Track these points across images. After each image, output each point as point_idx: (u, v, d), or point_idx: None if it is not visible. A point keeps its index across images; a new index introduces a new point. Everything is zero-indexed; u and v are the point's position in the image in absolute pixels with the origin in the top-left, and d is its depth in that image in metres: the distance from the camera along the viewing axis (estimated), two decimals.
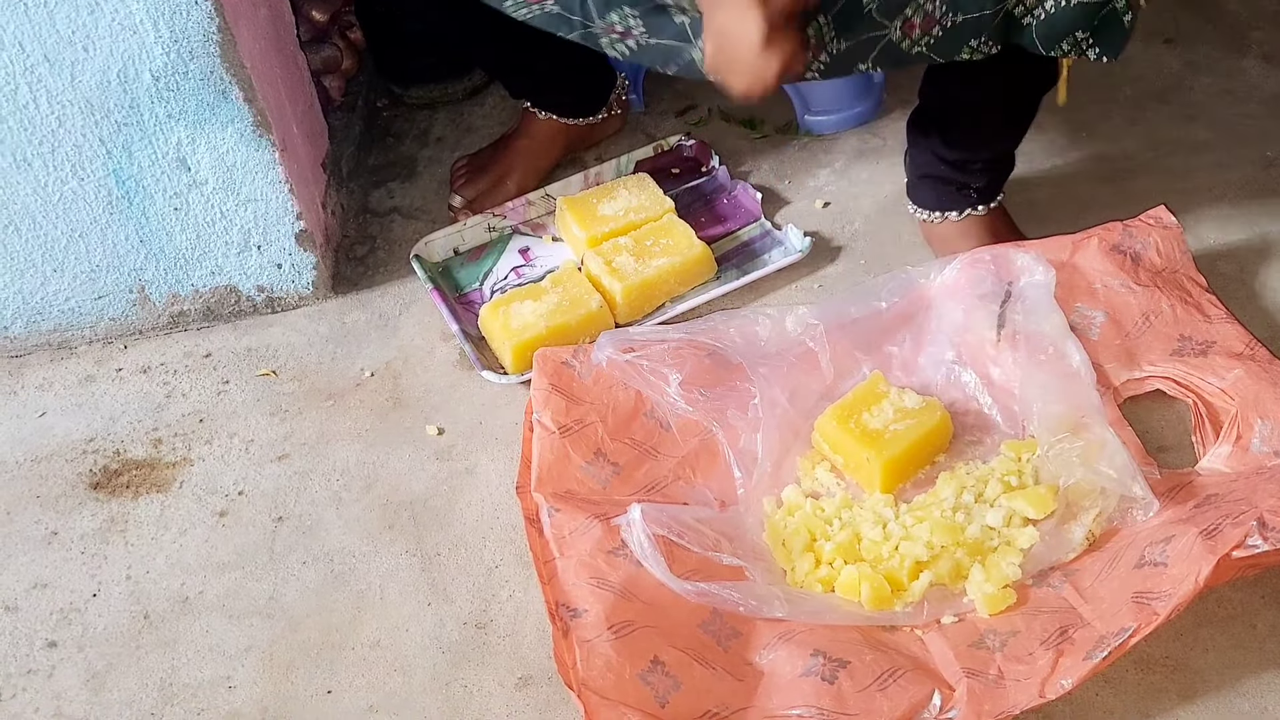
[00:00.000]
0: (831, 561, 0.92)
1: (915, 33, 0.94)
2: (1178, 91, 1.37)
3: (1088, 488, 0.91)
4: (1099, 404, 0.95)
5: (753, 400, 1.01)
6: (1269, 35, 1.43)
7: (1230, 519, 0.83)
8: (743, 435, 1.00)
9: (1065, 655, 0.82)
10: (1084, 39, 0.94)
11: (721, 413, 1.02)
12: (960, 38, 0.94)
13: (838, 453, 1.00)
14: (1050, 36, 0.93)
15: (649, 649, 0.84)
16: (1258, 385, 0.96)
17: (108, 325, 1.24)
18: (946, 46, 0.94)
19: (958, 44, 0.94)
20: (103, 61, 1.05)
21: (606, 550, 0.90)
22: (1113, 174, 1.28)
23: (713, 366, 1.03)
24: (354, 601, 0.98)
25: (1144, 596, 0.82)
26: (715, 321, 1.06)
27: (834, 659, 0.83)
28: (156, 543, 1.05)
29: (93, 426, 1.16)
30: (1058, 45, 0.94)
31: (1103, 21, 0.93)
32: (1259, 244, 1.18)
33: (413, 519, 1.04)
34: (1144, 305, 1.05)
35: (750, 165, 1.36)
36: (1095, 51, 0.95)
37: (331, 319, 1.24)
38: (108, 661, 0.96)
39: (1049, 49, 0.94)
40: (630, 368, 1.03)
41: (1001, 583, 0.88)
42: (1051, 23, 0.92)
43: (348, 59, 1.40)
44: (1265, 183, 1.25)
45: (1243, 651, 0.87)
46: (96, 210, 1.15)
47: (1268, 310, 1.11)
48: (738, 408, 1.01)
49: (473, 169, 1.33)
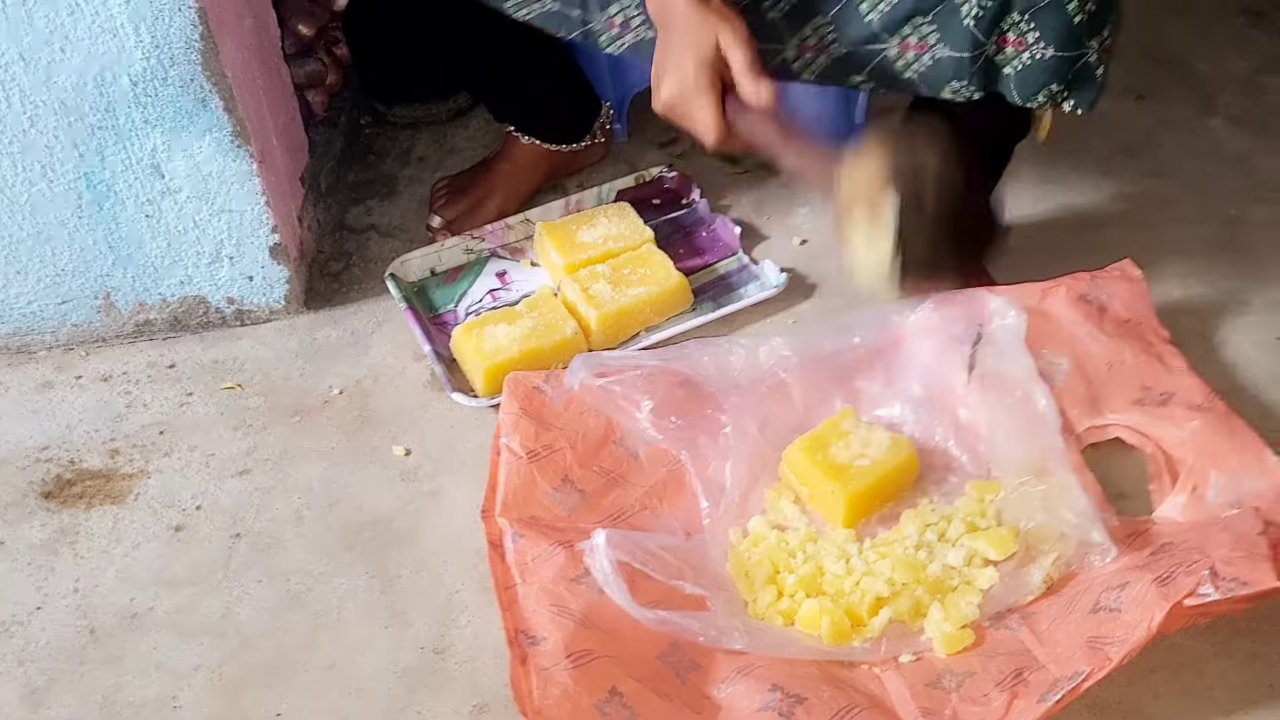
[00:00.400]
0: (793, 594, 0.92)
1: (909, 54, 0.95)
2: (1147, 147, 1.41)
3: (1048, 531, 0.92)
4: (1062, 449, 0.96)
5: (723, 429, 1.01)
6: (1236, 99, 1.47)
7: (1184, 567, 0.84)
8: (712, 464, 1.00)
9: (1019, 698, 0.82)
10: (1059, 91, 0.96)
11: (692, 441, 1.02)
12: (945, 73, 0.96)
13: (804, 484, 1.00)
14: (1026, 87, 0.96)
15: (607, 679, 0.83)
16: (1214, 438, 0.98)
17: (70, 331, 1.22)
18: (934, 78, 0.96)
19: (943, 79, 0.96)
20: (80, 63, 1.04)
21: (569, 578, 0.90)
22: (1081, 224, 1.31)
23: (685, 394, 1.04)
24: (310, 622, 0.96)
25: (1098, 641, 0.83)
26: (690, 350, 1.06)
27: (791, 694, 0.83)
28: (107, 556, 1.02)
29: (48, 434, 1.13)
30: (1034, 96, 0.96)
31: (1076, 75, 0.95)
32: (1220, 299, 1.20)
33: (374, 540, 1.03)
34: (1108, 354, 1.07)
35: (730, 199, 1.37)
36: (1070, 104, 0.97)
37: (302, 334, 1.23)
38: (49, 677, 0.94)
39: (1025, 99, 0.97)
40: (602, 393, 1.03)
41: (960, 622, 0.89)
42: (1027, 74, 0.95)
43: (332, 74, 1.40)
44: (1228, 240, 1.28)
45: (1193, 699, 0.88)
46: (65, 214, 1.13)
47: (1226, 364, 1.14)
48: (708, 436, 1.01)
49: (453, 190, 1.33)
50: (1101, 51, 0.95)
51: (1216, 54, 1.54)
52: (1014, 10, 0.92)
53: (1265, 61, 1.53)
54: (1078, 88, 0.96)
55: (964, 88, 0.96)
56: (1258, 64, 1.53)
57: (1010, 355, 1.02)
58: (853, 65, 0.96)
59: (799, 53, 0.97)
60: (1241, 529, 0.88)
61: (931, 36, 0.94)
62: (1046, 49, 0.93)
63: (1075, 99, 0.97)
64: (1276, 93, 1.48)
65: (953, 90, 0.96)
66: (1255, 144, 1.40)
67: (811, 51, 0.96)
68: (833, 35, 0.95)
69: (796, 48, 0.96)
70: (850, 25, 0.94)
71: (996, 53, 0.95)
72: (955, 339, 1.04)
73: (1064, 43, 0.93)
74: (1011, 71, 0.95)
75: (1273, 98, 1.47)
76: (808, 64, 0.97)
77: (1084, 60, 0.94)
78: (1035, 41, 0.93)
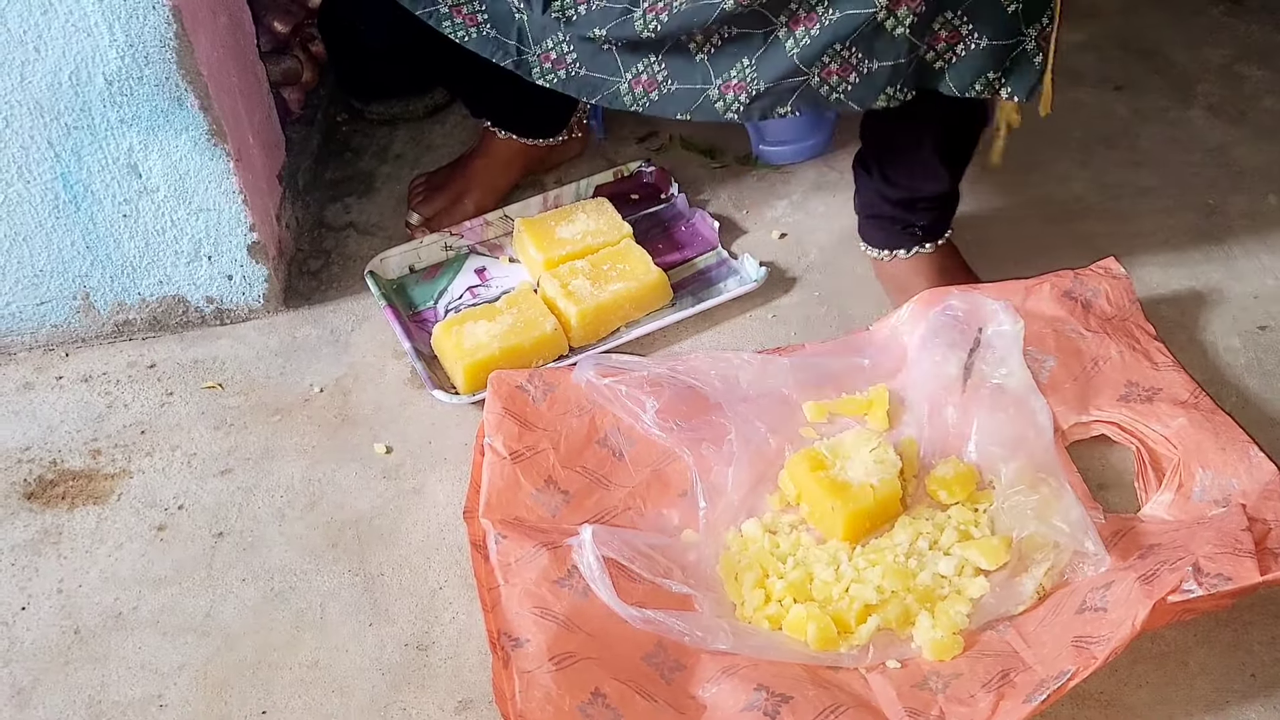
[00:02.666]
0: (781, 599, 0.92)
1: (833, 79, 0.96)
2: (1125, 137, 1.41)
3: (1040, 541, 0.91)
4: (1057, 459, 0.96)
5: (727, 435, 1.01)
6: (1214, 88, 1.48)
7: (1167, 565, 0.85)
8: (714, 468, 1.00)
9: (1006, 698, 0.83)
10: (996, 78, 0.96)
11: (695, 444, 1.01)
12: (875, 85, 0.96)
13: (804, 497, 0.99)
14: (964, 78, 0.96)
15: (590, 680, 0.83)
16: (1200, 434, 0.98)
17: (49, 332, 1.21)
18: (862, 93, 0.97)
19: (874, 91, 0.97)
20: (54, 63, 1.03)
21: (552, 580, 0.90)
22: (1061, 215, 1.31)
23: (691, 399, 1.04)
24: (293, 620, 0.96)
25: (1083, 640, 0.84)
26: (697, 362, 1.06)
27: (777, 694, 0.83)
28: (91, 556, 1.02)
29: (29, 435, 1.13)
30: (971, 87, 0.97)
31: (1014, 62, 0.95)
32: (1200, 289, 1.21)
33: (357, 538, 1.03)
34: (1093, 351, 1.07)
35: (709, 194, 1.37)
36: (1008, 90, 0.97)
37: (282, 333, 1.22)
38: (34, 677, 0.93)
39: (964, 91, 0.97)
40: (609, 391, 1.03)
41: (950, 629, 0.89)
42: (963, 66, 0.96)
43: (308, 71, 1.39)
44: (1207, 229, 1.28)
45: (1174, 689, 0.88)
46: (42, 214, 1.13)
47: (1206, 354, 1.14)
48: (712, 441, 1.01)
49: (431, 187, 1.33)
50: (1040, 39, 0.95)
51: (1194, 44, 1.55)
52: (946, 9, 0.93)
53: (1243, 50, 1.54)
54: (1015, 75, 0.96)
55: (897, 92, 0.97)
56: (1235, 53, 1.53)
57: (1007, 363, 1.02)
58: (777, 99, 0.98)
59: (720, 93, 0.98)
60: (1226, 526, 0.88)
61: (855, 58, 0.95)
62: (981, 39, 0.94)
63: (1013, 86, 0.96)
64: (1254, 82, 1.49)
65: (886, 98, 0.97)
66: (1233, 133, 1.41)
67: (734, 90, 0.97)
68: (754, 74, 0.97)
69: (719, 88, 0.98)
70: (772, 63, 0.96)
71: (926, 51, 0.95)
72: (952, 346, 1.04)
73: (998, 32, 0.93)
74: (944, 65, 0.96)
75: (1250, 87, 1.48)
76: (729, 104, 0.98)
77: (1021, 48, 0.94)
78: (969, 34, 0.94)
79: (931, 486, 0.99)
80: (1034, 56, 0.95)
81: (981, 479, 0.99)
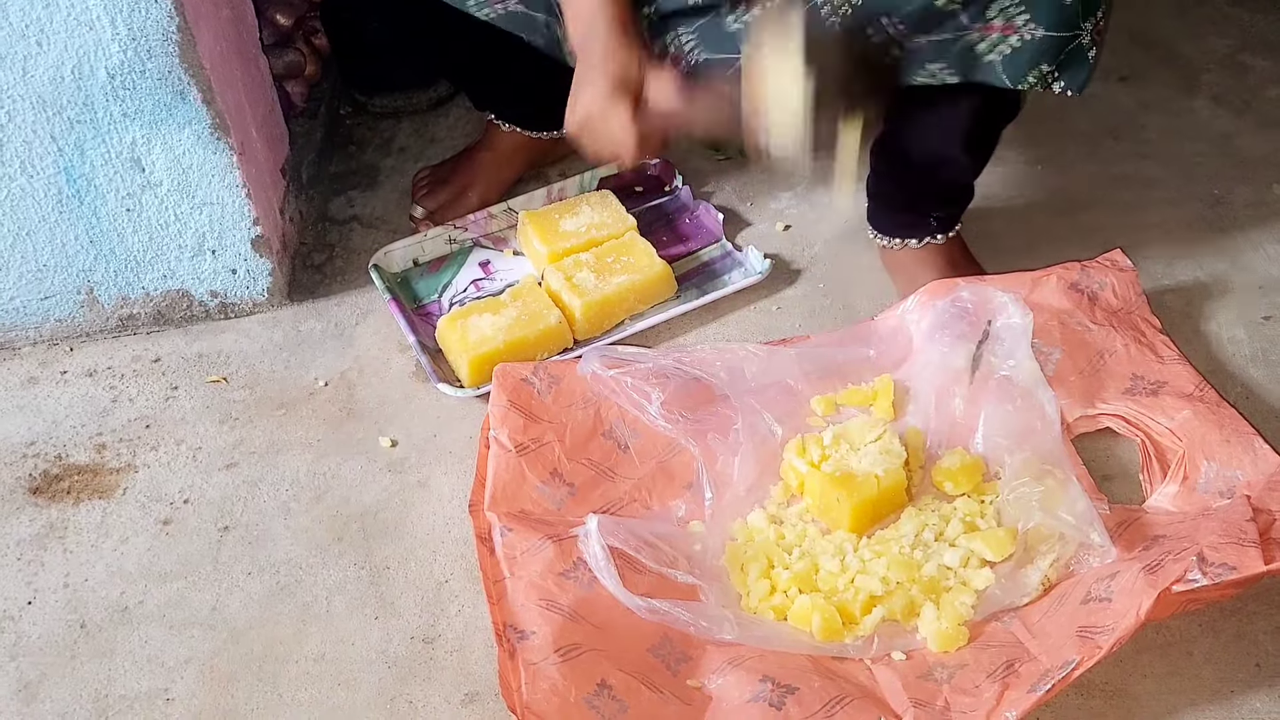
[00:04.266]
0: (786, 590, 0.92)
1: None
2: (1131, 128, 1.41)
3: (1046, 532, 0.91)
4: (1064, 451, 0.96)
5: (733, 426, 1.01)
6: (1219, 78, 1.47)
7: (1172, 555, 0.85)
8: (720, 459, 1.00)
9: (1011, 688, 0.83)
10: (1050, 72, 0.95)
11: (701, 435, 1.01)
12: (919, 59, 0.95)
13: (808, 490, 0.99)
14: (1017, 70, 0.95)
15: (596, 672, 0.83)
16: (1205, 427, 0.98)
17: (53, 326, 1.21)
18: (907, 66, 0.95)
19: (916, 65, 0.95)
20: (56, 57, 1.03)
21: (557, 572, 0.90)
22: (1067, 207, 1.31)
23: (696, 390, 1.03)
24: (299, 613, 0.96)
25: (1088, 631, 0.84)
26: (702, 354, 1.06)
27: (782, 685, 0.83)
28: (97, 550, 1.02)
29: (34, 430, 1.13)
30: (1025, 79, 0.95)
31: (1069, 56, 0.95)
32: (1205, 280, 1.21)
33: (362, 531, 1.03)
34: (1099, 343, 1.07)
35: (713, 186, 1.36)
36: (1060, 84, 0.96)
37: (286, 327, 1.22)
38: (40, 671, 0.94)
39: (1016, 82, 0.96)
40: (614, 383, 1.03)
41: (955, 621, 0.88)
42: (1017, 57, 0.94)
43: (311, 65, 1.39)
44: (1213, 220, 1.28)
45: (1180, 678, 0.88)
46: (45, 209, 1.13)
47: (1211, 345, 1.14)
48: (718, 432, 1.01)
49: (435, 180, 1.33)
50: (1095, 33, 0.94)
51: (1199, 34, 1.54)
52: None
53: (1247, 40, 1.53)
54: (1069, 69, 0.95)
55: (941, 70, 0.95)
56: (1239, 43, 1.53)
57: (1015, 355, 1.02)
58: None
59: None
60: (1231, 517, 0.88)
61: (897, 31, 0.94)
62: (1037, 30, 0.93)
63: (1066, 80, 0.96)
64: (1259, 72, 1.48)
65: (929, 74, 0.95)
66: (1238, 124, 1.40)
67: None
68: None
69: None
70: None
71: (979, 40, 0.94)
72: (960, 337, 1.04)
73: (1056, 24, 0.93)
74: (997, 57, 0.95)
75: (1255, 77, 1.47)
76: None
77: (1077, 41, 0.93)
78: (1025, 24, 0.93)
79: (937, 478, 0.99)
80: (1089, 51, 0.94)
81: (988, 470, 0.99)
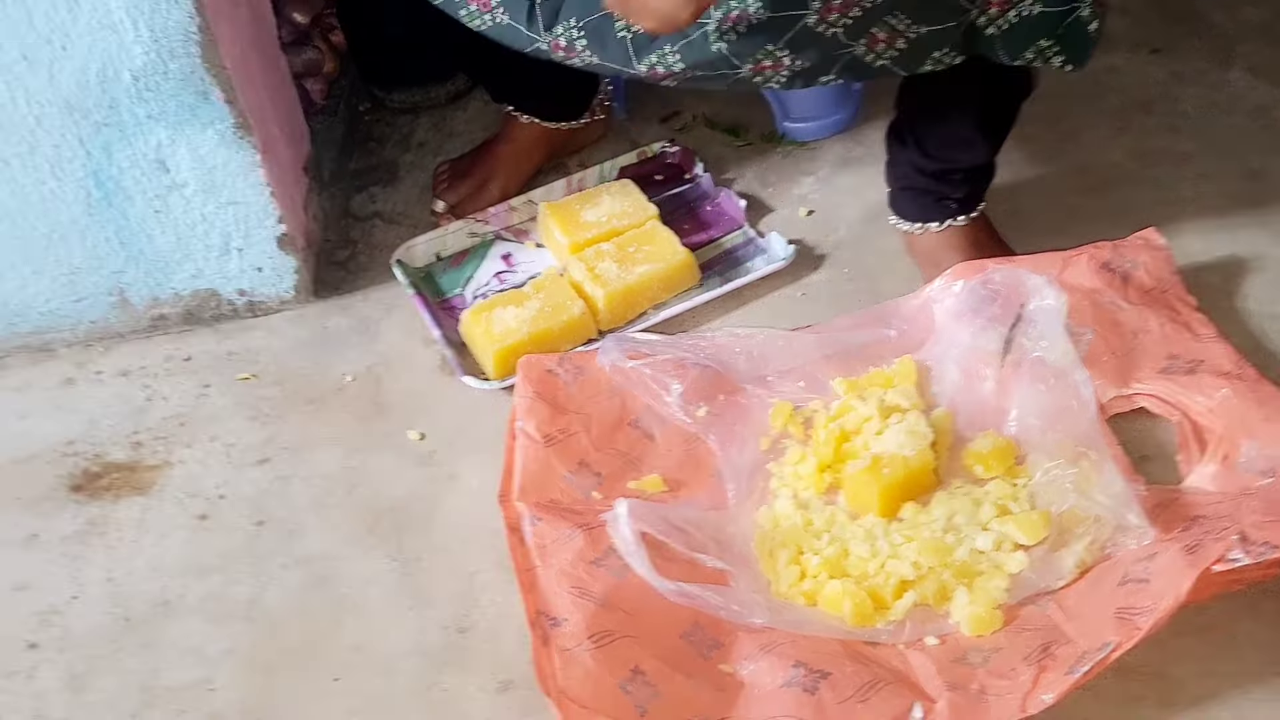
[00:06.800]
0: (816, 575, 0.91)
1: (879, 46, 0.94)
2: (1163, 102, 1.38)
3: (1081, 515, 0.90)
4: (1099, 432, 0.94)
5: (753, 415, 1.00)
6: (1254, 48, 1.44)
7: (1212, 535, 0.83)
8: (739, 448, 0.99)
9: (1048, 671, 0.82)
10: (1049, 47, 0.94)
11: (721, 425, 1.01)
12: (924, 50, 0.94)
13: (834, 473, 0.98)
14: (1015, 46, 0.94)
15: (629, 658, 0.84)
16: (1244, 405, 0.96)
17: (88, 328, 1.23)
18: (910, 59, 0.95)
19: (921, 56, 0.94)
20: (81, 60, 1.04)
21: (588, 560, 0.90)
22: (1098, 184, 1.28)
23: (716, 380, 1.03)
24: (335, 605, 0.98)
25: (1126, 612, 0.82)
26: (723, 340, 1.05)
27: (815, 670, 0.83)
28: (137, 545, 1.04)
29: (73, 429, 1.15)
30: (1022, 54, 0.94)
31: (1068, 30, 0.93)
32: (1243, 255, 1.18)
33: (394, 524, 1.03)
34: (1133, 323, 1.05)
35: (734, 172, 1.35)
36: (1060, 59, 0.95)
37: (312, 323, 1.23)
38: (88, 664, 0.96)
39: (1014, 58, 0.94)
40: (633, 373, 1.03)
41: (988, 605, 0.87)
42: (1015, 32, 0.93)
43: (329, 62, 1.39)
44: (1250, 194, 1.25)
45: (1221, 660, 0.87)
46: (76, 212, 1.14)
47: (1250, 321, 1.12)
48: (739, 420, 1.01)
49: (455, 174, 1.33)
50: (1095, 5, 0.92)
51: (1232, 4, 1.51)
52: None
53: None
54: (1069, 43, 0.93)
55: (944, 56, 0.94)
56: (1275, 12, 1.49)
57: (1049, 337, 0.99)
58: (819, 70, 0.95)
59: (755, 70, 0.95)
60: (1273, 496, 0.86)
61: (902, 24, 0.92)
62: (1035, 4, 0.91)
63: (1066, 55, 0.94)
64: None
65: (934, 62, 0.94)
66: (1275, 95, 1.37)
67: (773, 67, 0.95)
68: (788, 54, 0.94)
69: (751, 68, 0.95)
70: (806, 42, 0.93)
71: (979, 16, 0.93)
72: (991, 320, 1.02)
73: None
74: (996, 32, 0.93)
75: None
76: (768, 77, 0.95)
77: (1076, 14, 0.91)
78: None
79: (968, 461, 0.98)
80: (1089, 24, 0.92)
81: (1020, 453, 0.98)
